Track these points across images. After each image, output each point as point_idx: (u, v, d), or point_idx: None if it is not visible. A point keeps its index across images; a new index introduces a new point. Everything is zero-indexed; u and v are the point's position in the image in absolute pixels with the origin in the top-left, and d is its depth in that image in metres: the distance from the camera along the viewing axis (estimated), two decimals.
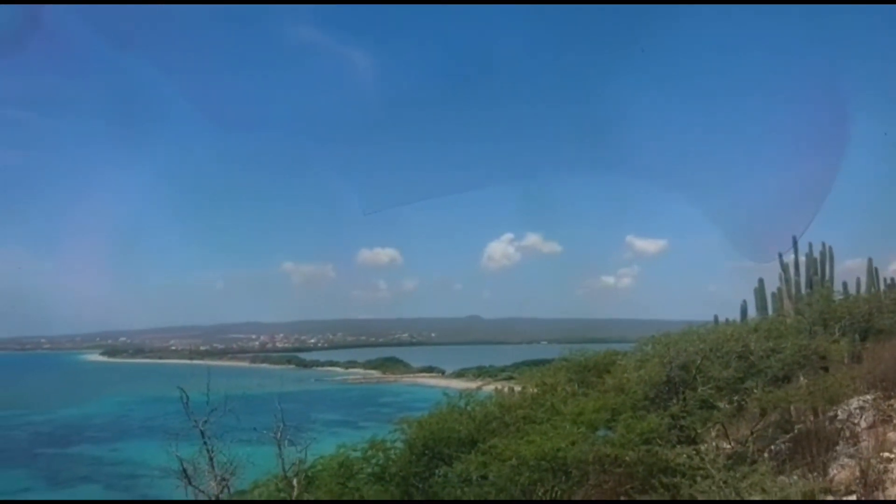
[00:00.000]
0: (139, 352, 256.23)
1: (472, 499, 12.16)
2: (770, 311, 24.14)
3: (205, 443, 8.02)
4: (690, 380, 14.21)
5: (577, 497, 12.31)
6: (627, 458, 11.76)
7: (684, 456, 11.24)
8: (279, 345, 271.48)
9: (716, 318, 24.57)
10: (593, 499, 12.15)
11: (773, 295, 24.60)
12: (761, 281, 25.55)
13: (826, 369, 16.16)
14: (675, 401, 13.90)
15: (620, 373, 15.72)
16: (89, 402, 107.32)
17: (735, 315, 25.50)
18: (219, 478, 7.91)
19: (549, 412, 13.82)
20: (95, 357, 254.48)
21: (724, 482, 10.01)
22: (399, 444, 14.41)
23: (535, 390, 16.73)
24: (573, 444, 11.73)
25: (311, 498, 11.57)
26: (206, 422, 8.02)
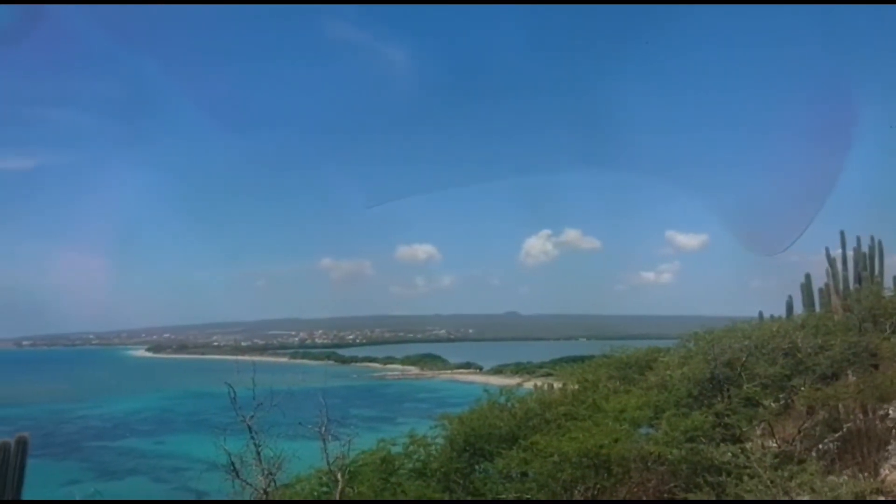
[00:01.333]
0: (183, 348, 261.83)
1: (513, 495, 12.14)
2: (817, 308, 23.56)
3: (252, 437, 8.16)
4: (735, 377, 13.99)
5: (620, 495, 12.22)
6: (671, 457, 11.62)
7: (729, 454, 11.07)
8: (318, 341, 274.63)
9: (760, 314, 24.07)
10: (636, 497, 12.06)
11: (821, 291, 23.99)
12: (808, 276, 24.96)
13: (876, 367, 15.73)
14: (719, 398, 13.71)
15: (663, 370, 15.54)
16: (135, 396, 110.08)
17: (780, 311, 24.96)
18: (266, 472, 8.04)
19: (590, 409, 13.72)
20: (141, 353, 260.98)
21: (772, 481, 9.82)
22: (440, 440, 14.48)
23: (576, 387, 16.61)
24: (616, 441, 11.63)
25: (356, 492, 11.69)
26: (252, 417, 8.16)
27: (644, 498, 12.22)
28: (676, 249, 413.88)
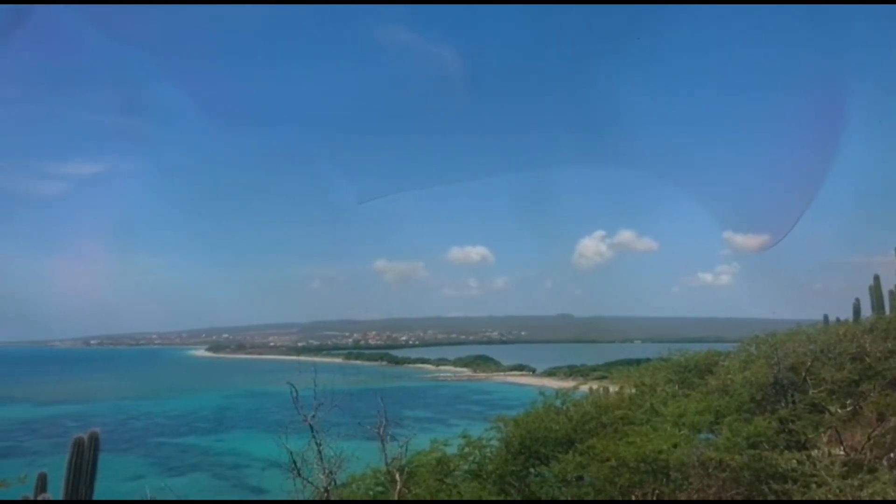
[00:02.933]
0: (240, 347, 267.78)
1: (570, 499, 12.05)
2: (887, 310, 22.64)
3: (313, 436, 8.31)
4: (800, 382, 13.58)
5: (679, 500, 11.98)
6: (733, 463, 11.32)
7: (795, 462, 10.73)
8: (372, 342, 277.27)
9: (825, 317, 23.28)
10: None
11: (891, 293, 23.05)
12: (877, 278, 24.04)
13: None
14: (783, 403, 13.33)
15: (724, 374, 15.19)
16: (196, 395, 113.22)
17: (847, 314, 24.07)
18: (326, 471, 8.18)
19: (648, 413, 13.50)
20: (201, 352, 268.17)
21: (841, 490, 9.48)
22: (494, 443, 14.46)
23: (633, 390, 16.37)
24: (675, 446, 11.41)
25: (414, 491, 11.77)
26: (314, 416, 8.31)
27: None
28: (735, 250, 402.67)
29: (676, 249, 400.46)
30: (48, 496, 13.53)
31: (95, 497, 14.99)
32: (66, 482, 14.61)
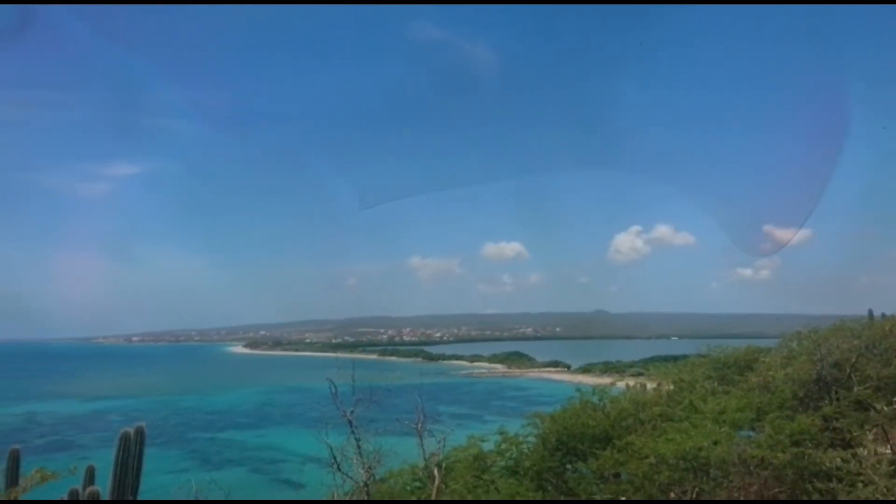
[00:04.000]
0: (277, 344, 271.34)
1: (608, 496, 11.97)
2: None
3: (353, 431, 8.41)
4: (844, 379, 13.27)
5: (720, 498, 11.82)
6: (775, 461, 11.11)
7: (839, 460, 10.50)
8: (406, 338, 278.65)
9: (870, 312, 22.69)
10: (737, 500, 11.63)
11: None
12: None
13: None
14: (826, 401, 13.03)
15: (765, 370, 14.91)
16: (234, 390, 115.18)
17: (893, 309, 23.42)
18: (366, 466, 8.27)
19: (687, 410, 13.34)
20: (239, 349, 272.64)
21: (888, 489, 9.26)
22: (531, 439, 14.44)
23: (671, 387, 16.19)
24: (715, 443, 11.24)
25: (452, 487, 11.83)
26: (352, 412, 8.41)
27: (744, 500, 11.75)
28: (775, 245, 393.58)
29: (714, 244, 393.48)
30: (96, 489, 13.92)
31: (141, 490, 15.39)
32: (113, 475, 15.01)
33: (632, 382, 22.77)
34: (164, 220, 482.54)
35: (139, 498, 14.80)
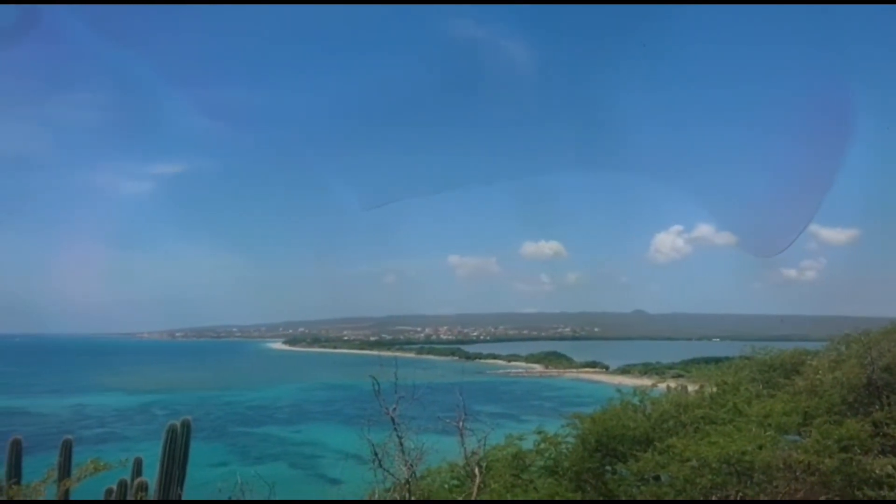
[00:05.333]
0: (316, 341, 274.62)
1: (649, 499, 11.84)
2: None
3: (395, 428, 8.50)
4: None
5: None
6: (823, 467, 10.85)
7: (890, 467, 10.22)
8: (443, 337, 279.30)
9: None
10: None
11: None
12: None
13: None
14: (877, 406, 12.68)
15: (812, 373, 14.55)
16: (274, 386, 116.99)
17: None
18: (408, 463, 8.35)
19: (731, 413, 13.10)
20: (278, 345, 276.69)
21: None
22: (570, 439, 14.36)
23: (714, 389, 15.91)
24: (760, 447, 11.03)
25: (491, 486, 11.85)
26: (395, 409, 8.49)
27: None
28: (821, 244, 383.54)
29: (758, 244, 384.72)
30: (144, 480, 14.36)
31: (186, 482, 15.81)
32: (161, 466, 15.46)
33: (672, 384, 22.47)
34: (204, 219, 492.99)
35: (184, 489, 15.21)
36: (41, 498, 10.48)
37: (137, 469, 15.27)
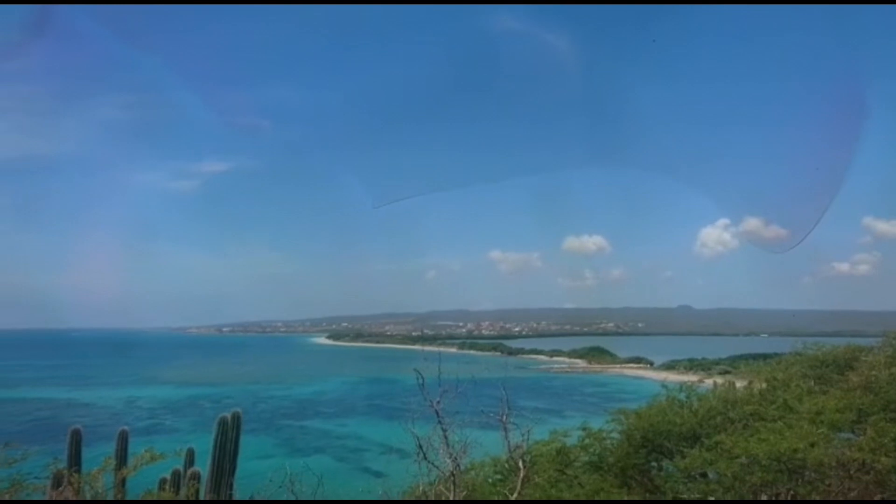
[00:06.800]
0: (359, 336, 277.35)
1: (696, 496, 11.68)
2: None
3: (439, 422, 8.57)
4: None
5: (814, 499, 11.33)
6: (879, 465, 10.55)
7: None
8: (485, 332, 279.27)
9: None
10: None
11: None
12: None
13: None
14: None
15: (867, 370, 14.13)
16: (319, 380, 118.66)
17: None
18: (452, 456, 8.41)
19: (781, 409, 12.80)
20: (322, 340, 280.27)
21: None
22: (615, 435, 14.25)
23: (763, 386, 15.58)
24: (812, 445, 10.76)
25: (535, 480, 11.85)
26: (439, 402, 8.57)
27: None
28: (876, 238, 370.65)
29: (808, 237, 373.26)
30: (197, 470, 14.75)
31: (237, 473, 16.21)
32: (213, 457, 15.87)
33: (720, 380, 22.11)
34: (246, 217, 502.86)
35: (235, 480, 15.61)
36: (99, 485, 10.88)
37: (189, 459, 15.70)
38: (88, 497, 10.51)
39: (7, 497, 9.22)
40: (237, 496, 15.53)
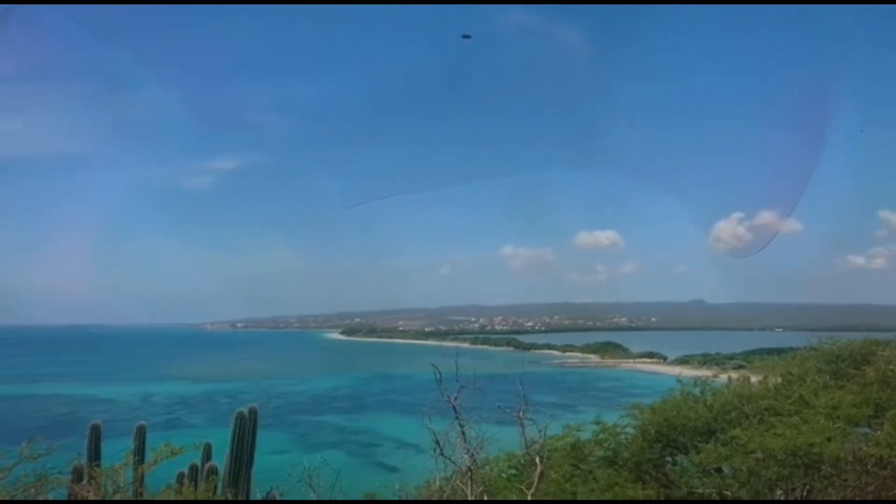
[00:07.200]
0: (372, 331, 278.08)
1: (711, 490, 11.68)
2: None
3: (457, 417, 8.64)
4: None
5: (832, 498, 11.30)
6: (895, 460, 10.52)
7: None
8: (498, 327, 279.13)
9: None
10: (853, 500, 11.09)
11: None
12: None
13: None
14: None
15: (884, 364, 14.04)
16: (332, 375, 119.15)
17: None
18: (469, 451, 8.48)
19: (797, 404, 12.75)
20: (335, 335, 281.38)
21: None
22: (629, 430, 14.25)
23: (779, 380, 15.51)
24: (829, 440, 10.72)
25: (550, 475, 11.89)
26: (456, 398, 8.63)
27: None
28: (892, 231, 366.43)
29: (823, 231, 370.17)
30: (214, 464, 14.92)
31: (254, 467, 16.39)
32: (230, 451, 16.05)
33: (734, 375, 22.03)
34: (259, 212, 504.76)
35: (252, 475, 15.79)
36: (121, 479, 11.04)
37: (207, 454, 15.87)
38: (110, 491, 10.68)
39: (32, 490, 9.41)
40: (254, 490, 15.70)
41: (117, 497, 10.90)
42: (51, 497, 10.75)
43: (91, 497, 10.27)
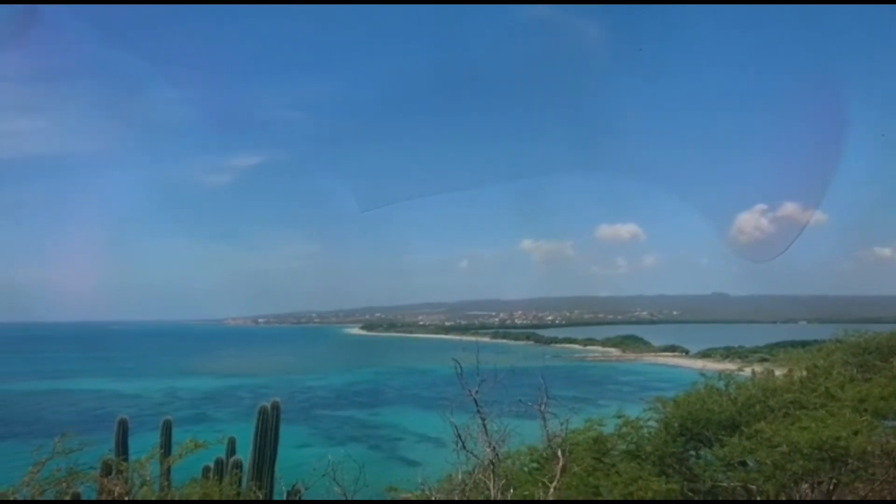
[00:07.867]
0: (392, 326, 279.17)
1: (736, 484, 11.59)
2: None
3: (478, 410, 8.65)
4: None
5: (860, 493, 11.18)
6: None
7: None
8: (518, 321, 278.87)
9: None
10: (880, 497, 10.96)
11: None
12: None
13: None
14: None
15: None
16: (353, 370, 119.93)
17: None
18: (491, 445, 8.50)
19: (823, 397, 12.62)
20: (356, 330, 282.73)
21: None
22: (652, 423, 14.17)
23: (804, 373, 15.36)
24: (855, 433, 10.59)
25: (572, 469, 11.85)
26: (477, 391, 8.65)
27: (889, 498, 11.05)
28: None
29: (848, 222, 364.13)
30: (239, 458, 15.11)
31: (278, 461, 16.56)
32: (254, 445, 16.24)
33: (758, 368, 21.85)
34: (281, 208, 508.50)
35: (276, 468, 15.96)
36: (146, 473, 11.23)
37: (231, 448, 16.07)
38: (137, 484, 10.86)
39: (63, 484, 9.60)
40: (279, 484, 15.86)
41: (143, 490, 11.08)
42: (81, 490, 10.98)
43: (118, 490, 10.45)
